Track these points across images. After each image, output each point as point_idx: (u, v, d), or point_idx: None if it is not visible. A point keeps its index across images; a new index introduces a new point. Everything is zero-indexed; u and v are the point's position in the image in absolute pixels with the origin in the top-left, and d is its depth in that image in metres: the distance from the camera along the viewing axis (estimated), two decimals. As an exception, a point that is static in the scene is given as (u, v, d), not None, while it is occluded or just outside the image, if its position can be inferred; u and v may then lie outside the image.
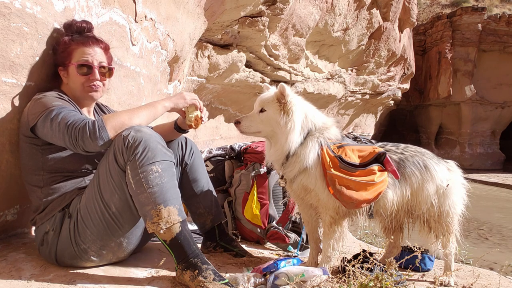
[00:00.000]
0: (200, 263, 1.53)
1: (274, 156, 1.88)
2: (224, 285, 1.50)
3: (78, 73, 1.71)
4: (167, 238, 1.53)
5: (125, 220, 1.62)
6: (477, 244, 6.33)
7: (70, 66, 1.71)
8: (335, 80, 9.69)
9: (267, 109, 1.84)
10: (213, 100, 6.25)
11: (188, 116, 1.87)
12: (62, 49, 1.71)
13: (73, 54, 1.71)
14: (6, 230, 1.91)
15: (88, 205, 1.60)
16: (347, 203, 1.80)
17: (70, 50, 1.71)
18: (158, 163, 1.53)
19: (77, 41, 1.72)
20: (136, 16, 2.31)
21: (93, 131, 1.50)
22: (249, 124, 1.87)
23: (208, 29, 3.96)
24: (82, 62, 1.71)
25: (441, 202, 1.96)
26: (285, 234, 2.50)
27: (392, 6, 9.57)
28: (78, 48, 1.71)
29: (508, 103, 19.38)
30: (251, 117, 1.87)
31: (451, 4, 21.31)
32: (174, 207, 1.53)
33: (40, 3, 1.61)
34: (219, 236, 2.13)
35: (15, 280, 1.50)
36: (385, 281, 1.56)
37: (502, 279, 2.17)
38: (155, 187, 1.51)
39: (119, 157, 1.54)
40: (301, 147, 1.82)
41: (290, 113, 1.80)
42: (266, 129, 1.86)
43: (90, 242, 1.61)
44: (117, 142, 1.55)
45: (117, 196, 1.57)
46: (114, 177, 1.57)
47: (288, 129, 1.79)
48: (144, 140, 1.53)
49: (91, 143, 1.50)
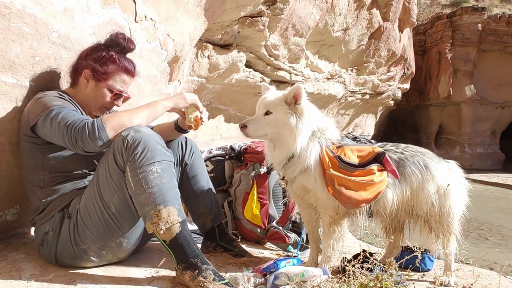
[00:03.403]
0: (200, 263, 1.53)
1: (278, 158, 1.85)
2: (224, 285, 1.49)
3: (110, 97, 1.76)
4: (167, 238, 1.53)
5: (125, 220, 1.61)
6: (477, 244, 6.33)
7: (103, 82, 1.73)
8: (335, 80, 9.69)
9: (274, 111, 1.79)
10: (213, 100, 6.24)
11: (188, 116, 1.86)
12: (105, 62, 1.72)
13: (113, 75, 1.74)
14: (6, 230, 1.91)
15: (88, 205, 1.60)
16: (346, 203, 1.80)
17: (114, 69, 1.74)
18: (158, 163, 1.53)
19: (124, 65, 1.76)
20: (136, 16, 2.31)
21: (93, 131, 1.50)
22: (256, 128, 1.81)
23: (208, 29, 3.95)
24: (118, 91, 1.77)
25: (441, 202, 1.96)
26: (285, 234, 2.50)
27: (392, 6, 9.56)
28: (121, 73, 1.76)
29: (508, 103, 19.38)
30: (257, 120, 1.82)
31: (451, 4, 21.30)
32: (173, 207, 1.53)
33: (40, 3, 1.61)
34: (219, 236, 2.13)
35: (15, 280, 1.49)
36: (385, 281, 1.56)
37: (502, 279, 2.16)
38: (155, 187, 1.51)
39: (119, 157, 1.54)
40: (305, 145, 1.80)
41: (302, 117, 1.77)
42: (272, 132, 1.81)
43: (90, 243, 1.61)
44: (117, 142, 1.54)
45: (117, 197, 1.57)
46: (114, 178, 1.56)
47: (299, 131, 1.76)
48: (144, 141, 1.52)
49: (90, 143, 1.50)
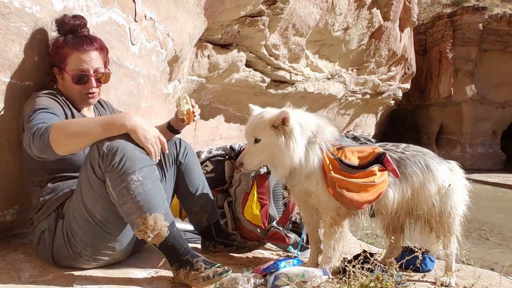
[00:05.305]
0: (190, 258, 1.52)
1: (281, 174, 1.86)
2: (215, 269, 1.49)
3: (74, 83, 1.66)
4: (156, 242, 1.52)
5: (113, 225, 1.58)
6: (478, 245, 6.32)
7: (65, 72, 1.66)
8: (335, 79, 9.68)
9: (262, 138, 1.78)
10: (213, 100, 6.24)
11: (180, 109, 1.83)
12: (55, 51, 1.65)
13: (67, 59, 1.64)
14: (5, 230, 1.90)
15: (75, 212, 1.57)
16: (348, 205, 1.79)
17: (64, 54, 1.64)
18: (138, 171, 1.46)
19: (71, 44, 1.64)
20: (135, 16, 2.31)
21: (36, 138, 1.41)
22: (251, 160, 1.80)
23: (208, 28, 3.95)
24: (78, 72, 1.65)
25: (442, 202, 1.95)
26: (285, 235, 2.49)
27: (393, 5, 9.56)
28: (73, 54, 1.64)
29: (509, 103, 19.34)
30: (250, 152, 1.81)
31: (452, 4, 21.27)
32: (159, 213, 1.50)
33: (39, 2, 1.60)
34: (216, 233, 2.11)
35: (14, 280, 1.49)
36: (385, 281, 1.55)
37: (503, 280, 2.15)
38: (138, 196, 1.46)
39: (96, 168, 1.48)
40: (303, 156, 1.80)
41: (292, 135, 1.75)
42: (267, 156, 1.81)
43: (82, 247, 1.59)
44: (92, 151, 1.49)
45: (100, 205, 1.53)
46: (95, 187, 1.51)
47: (292, 149, 1.75)
48: (121, 149, 1.45)
49: (30, 151, 1.45)
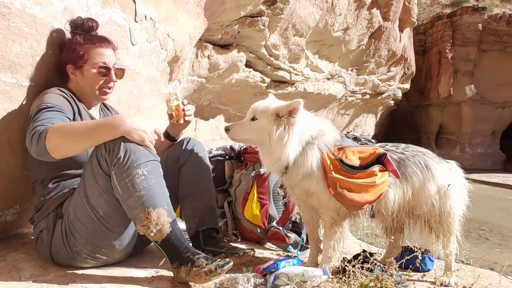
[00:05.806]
0: (191, 256, 1.53)
1: (272, 167, 1.88)
2: (217, 263, 1.50)
3: (99, 75, 1.73)
4: (158, 239, 1.53)
5: (115, 222, 1.60)
6: (477, 244, 6.32)
7: (85, 66, 1.71)
8: (335, 80, 9.68)
9: (259, 118, 1.81)
10: (213, 100, 6.24)
11: (169, 104, 1.82)
12: (75, 48, 1.70)
13: (89, 54, 1.71)
14: (6, 230, 1.91)
15: (76, 209, 1.58)
16: (348, 206, 1.80)
17: (86, 49, 1.71)
18: (143, 165, 1.50)
19: (93, 41, 1.73)
20: (136, 16, 2.31)
21: (34, 140, 1.44)
22: (237, 132, 1.86)
23: (208, 29, 3.95)
24: (101, 64, 1.72)
25: (442, 202, 1.95)
26: (285, 234, 2.50)
27: (392, 6, 9.56)
28: (95, 49, 1.72)
29: (508, 103, 19.34)
30: (241, 124, 1.87)
31: (451, 4, 21.26)
32: (163, 208, 1.52)
33: (40, 3, 1.60)
34: (203, 241, 1.93)
35: (15, 280, 1.49)
36: (385, 281, 1.56)
37: (503, 279, 2.16)
38: (142, 190, 1.49)
39: (102, 162, 1.52)
40: (301, 156, 1.80)
41: (291, 129, 1.76)
42: (255, 138, 1.84)
43: (81, 245, 1.59)
44: (98, 147, 1.52)
45: (104, 200, 1.55)
46: (99, 182, 1.54)
47: (284, 142, 1.76)
48: (126, 143, 1.49)
49: (30, 151, 1.48)
